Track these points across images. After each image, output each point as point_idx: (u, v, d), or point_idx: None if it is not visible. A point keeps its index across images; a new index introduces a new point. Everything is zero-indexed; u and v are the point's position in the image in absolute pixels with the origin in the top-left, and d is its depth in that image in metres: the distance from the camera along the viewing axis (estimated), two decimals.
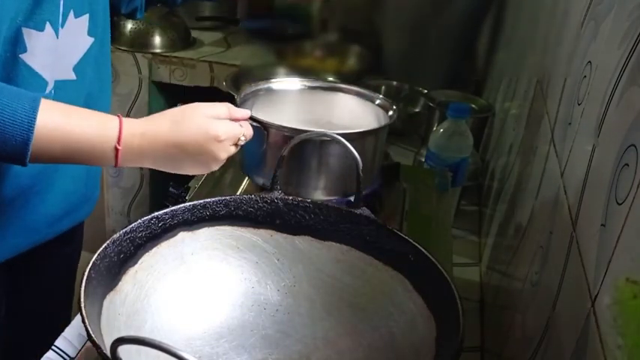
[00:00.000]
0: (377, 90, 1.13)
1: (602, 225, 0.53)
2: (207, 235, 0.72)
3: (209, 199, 0.72)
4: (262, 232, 0.73)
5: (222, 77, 1.58)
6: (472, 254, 1.19)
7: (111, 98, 1.00)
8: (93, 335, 0.51)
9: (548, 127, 0.83)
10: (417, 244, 0.66)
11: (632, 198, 0.47)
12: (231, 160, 1.03)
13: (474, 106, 1.39)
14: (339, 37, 1.36)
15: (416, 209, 0.94)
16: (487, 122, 1.43)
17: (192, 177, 1.36)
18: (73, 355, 0.78)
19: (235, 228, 0.73)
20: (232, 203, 0.72)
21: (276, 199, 0.73)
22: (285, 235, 0.73)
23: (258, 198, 0.73)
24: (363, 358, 0.64)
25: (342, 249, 0.71)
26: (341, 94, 1.00)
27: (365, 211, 0.72)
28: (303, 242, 0.72)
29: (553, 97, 0.85)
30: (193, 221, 0.71)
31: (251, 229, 0.73)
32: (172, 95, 1.92)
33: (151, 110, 1.85)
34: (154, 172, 1.94)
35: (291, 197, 0.73)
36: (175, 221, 0.69)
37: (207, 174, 0.99)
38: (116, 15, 0.99)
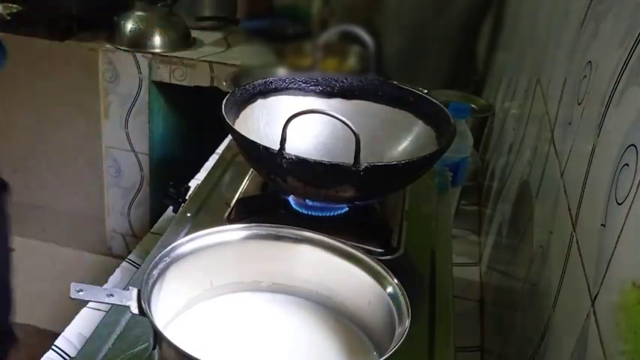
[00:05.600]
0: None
1: (602, 225, 0.53)
2: None
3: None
4: None
5: (222, 77, 1.58)
6: (472, 254, 1.19)
7: None
8: None
9: (548, 127, 0.83)
10: (415, 90, 0.94)
11: (632, 198, 0.47)
12: (230, 159, 1.04)
13: (473, 106, 1.39)
14: (339, 37, 1.37)
15: (416, 209, 0.94)
16: (487, 122, 1.43)
17: (192, 177, 1.36)
18: (73, 355, 0.78)
19: None
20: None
21: None
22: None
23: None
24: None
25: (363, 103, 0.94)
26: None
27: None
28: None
29: (553, 97, 0.85)
30: None
31: None
32: (172, 95, 1.92)
33: (151, 110, 1.86)
34: (153, 172, 1.94)
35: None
36: None
37: (207, 174, 0.99)
38: None
